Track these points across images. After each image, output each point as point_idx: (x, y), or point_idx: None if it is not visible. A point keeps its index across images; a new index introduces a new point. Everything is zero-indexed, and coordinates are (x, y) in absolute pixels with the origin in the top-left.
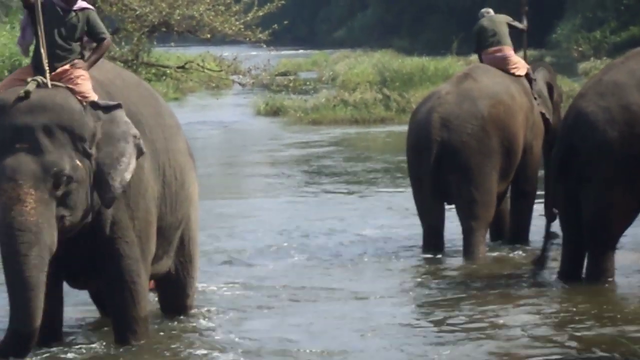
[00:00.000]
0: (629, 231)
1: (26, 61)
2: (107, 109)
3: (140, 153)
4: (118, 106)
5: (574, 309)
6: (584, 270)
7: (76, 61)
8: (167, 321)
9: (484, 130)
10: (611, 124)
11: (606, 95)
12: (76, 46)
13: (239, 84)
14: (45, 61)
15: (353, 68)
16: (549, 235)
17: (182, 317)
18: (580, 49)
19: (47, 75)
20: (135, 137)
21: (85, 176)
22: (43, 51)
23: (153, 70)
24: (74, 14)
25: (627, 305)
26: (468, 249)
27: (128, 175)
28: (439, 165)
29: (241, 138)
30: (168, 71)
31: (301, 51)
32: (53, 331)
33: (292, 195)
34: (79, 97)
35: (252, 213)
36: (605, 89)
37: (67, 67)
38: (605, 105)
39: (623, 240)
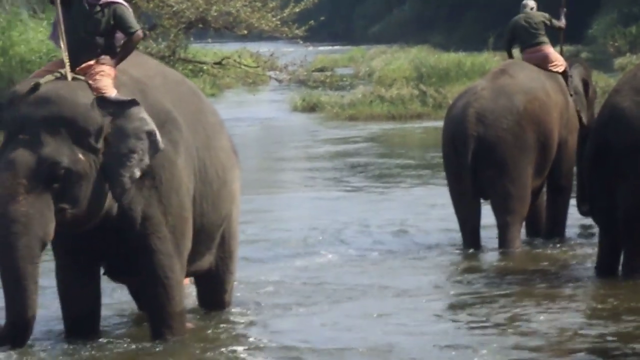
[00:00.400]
0: None
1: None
2: (120, 104)
3: (156, 150)
4: (132, 102)
5: (612, 304)
6: (621, 265)
7: (102, 56)
8: (203, 317)
9: (519, 125)
10: None
11: None
12: (102, 41)
13: (276, 79)
14: (65, 54)
15: (389, 64)
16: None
17: (218, 313)
18: (616, 44)
19: (67, 67)
20: (150, 133)
21: (90, 170)
22: (63, 44)
23: (190, 67)
24: (99, 8)
25: None
26: (504, 244)
27: (138, 172)
28: (475, 160)
29: (278, 134)
30: (205, 67)
31: (338, 47)
32: (90, 325)
33: (328, 191)
34: (95, 93)
35: (287, 208)
36: None
37: (92, 62)
38: None
39: None
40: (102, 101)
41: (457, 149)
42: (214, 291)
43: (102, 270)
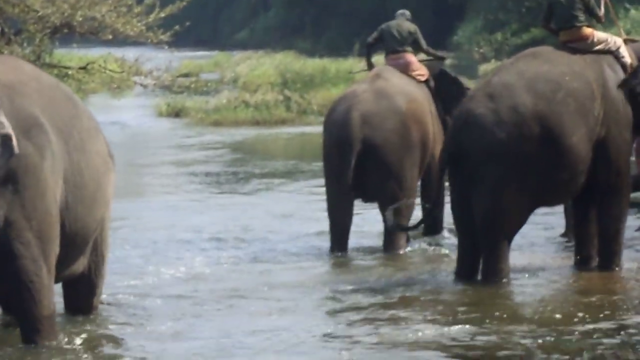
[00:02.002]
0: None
1: None
2: None
3: (10, 155)
4: None
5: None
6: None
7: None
8: (71, 322)
9: (404, 125)
10: (500, 125)
11: (495, 97)
12: None
13: (141, 85)
14: None
15: (255, 69)
16: None
17: (87, 317)
18: (481, 50)
19: None
20: (5, 137)
21: None
22: None
23: (55, 72)
24: None
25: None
26: (390, 247)
27: None
28: (361, 163)
29: (143, 139)
30: (70, 72)
31: (204, 52)
32: None
33: (192, 197)
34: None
35: (149, 213)
36: (494, 91)
37: None
38: (494, 107)
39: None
40: None
41: (341, 152)
42: (84, 295)
43: None
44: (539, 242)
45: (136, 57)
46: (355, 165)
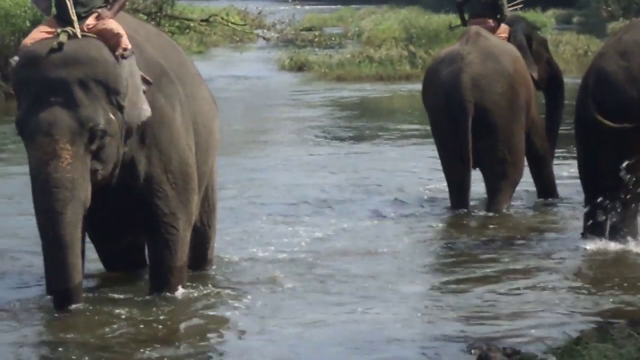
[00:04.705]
0: None
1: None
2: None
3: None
4: (131, 55)
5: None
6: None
7: (100, 11)
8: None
9: (512, 88)
10: (632, 83)
11: (627, 55)
12: None
13: (263, 38)
14: (72, 11)
15: (379, 24)
16: None
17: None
18: (609, 8)
19: (76, 26)
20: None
21: (118, 129)
22: (69, 2)
23: (177, 23)
24: None
25: None
26: (493, 207)
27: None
28: (472, 127)
29: (265, 93)
30: (192, 24)
31: (327, 6)
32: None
33: (314, 150)
34: (121, 50)
35: (275, 168)
36: (626, 48)
37: (93, 18)
38: (626, 65)
39: None
40: (125, 59)
41: (453, 117)
42: (198, 247)
43: None
44: None
45: (259, 10)
46: (471, 131)
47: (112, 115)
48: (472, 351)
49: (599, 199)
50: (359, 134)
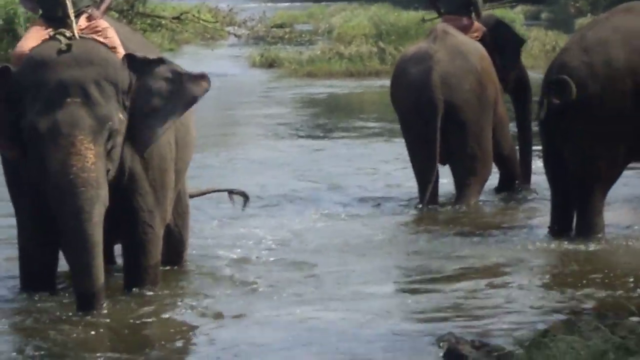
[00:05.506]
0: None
1: (22, 10)
2: (147, 63)
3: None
4: (160, 61)
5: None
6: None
7: (91, 11)
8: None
9: (480, 84)
10: (593, 78)
11: (589, 51)
12: None
13: (235, 35)
14: (71, 11)
15: (349, 21)
16: None
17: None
18: (577, 4)
19: (75, 27)
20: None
21: (124, 129)
22: (68, 1)
23: (148, 21)
24: None
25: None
26: (460, 201)
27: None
28: (441, 125)
29: (236, 89)
30: (163, 22)
31: (297, 3)
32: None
33: (282, 147)
34: (112, 50)
35: (242, 166)
36: (589, 44)
37: (84, 19)
38: (588, 61)
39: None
40: (130, 59)
41: (423, 116)
42: (172, 251)
43: None
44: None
45: (230, 7)
46: (440, 128)
47: (120, 115)
48: (441, 344)
49: (565, 194)
50: (328, 130)
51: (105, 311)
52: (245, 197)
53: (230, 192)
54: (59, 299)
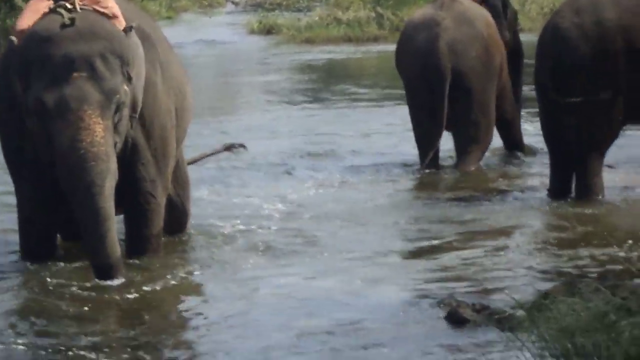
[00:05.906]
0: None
1: None
2: (139, 32)
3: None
4: (131, 28)
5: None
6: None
7: None
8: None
9: (487, 51)
10: (584, 39)
11: (580, 12)
12: None
13: (232, 2)
14: None
15: None
16: None
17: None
18: None
19: None
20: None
21: (129, 101)
22: None
23: None
24: None
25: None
26: (461, 167)
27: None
28: (449, 91)
29: (234, 57)
30: None
31: None
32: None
33: (280, 114)
34: (113, 19)
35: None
36: (580, 5)
37: None
38: (579, 22)
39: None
40: (130, 30)
41: (430, 84)
42: (174, 222)
43: None
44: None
45: None
46: (447, 96)
47: (126, 87)
48: (441, 306)
49: (563, 157)
50: (326, 97)
51: (109, 283)
52: (244, 147)
53: (230, 147)
54: (56, 269)
